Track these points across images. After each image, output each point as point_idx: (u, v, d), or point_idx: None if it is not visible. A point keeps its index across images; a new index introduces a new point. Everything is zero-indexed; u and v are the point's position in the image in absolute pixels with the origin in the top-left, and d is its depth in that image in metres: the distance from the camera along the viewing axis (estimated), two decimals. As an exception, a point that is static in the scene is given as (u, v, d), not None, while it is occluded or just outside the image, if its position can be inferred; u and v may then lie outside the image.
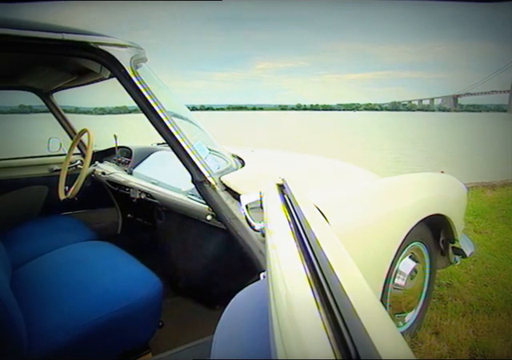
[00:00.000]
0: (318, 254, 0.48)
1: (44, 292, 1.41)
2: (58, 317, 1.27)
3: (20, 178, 2.56)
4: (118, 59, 1.26)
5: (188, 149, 1.30)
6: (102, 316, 1.28)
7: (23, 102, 11.59)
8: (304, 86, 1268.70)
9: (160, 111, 1.28)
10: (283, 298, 0.43)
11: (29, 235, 2.12)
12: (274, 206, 0.85)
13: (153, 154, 2.38)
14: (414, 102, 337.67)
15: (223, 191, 1.36)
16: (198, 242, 1.84)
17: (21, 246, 1.94)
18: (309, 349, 0.32)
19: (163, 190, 1.82)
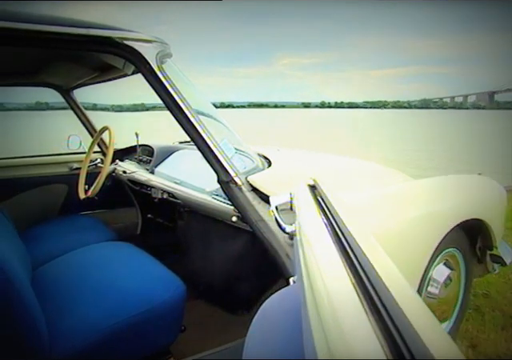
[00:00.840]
0: (361, 258, 0.48)
1: (64, 293, 1.44)
2: (79, 319, 1.29)
3: (39, 176, 2.64)
4: (143, 55, 1.28)
5: (214, 148, 1.31)
6: (124, 319, 1.30)
7: (40, 99, 11.75)
8: (328, 83, 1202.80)
9: (186, 108, 1.30)
10: (326, 304, 0.44)
11: (48, 235, 2.18)
12: (306, 207, 0.85)
13: (175, 153, 2.41)
14: (446, 99, 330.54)
15: (250, 192, 1.37)
16: (221, 243, 1.86)
17: (40, 245, 2.00)
18: (361, 355, 0.33)
19: (186, 190, 1.84)
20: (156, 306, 1.36)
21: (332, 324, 0.39)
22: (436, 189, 1.80)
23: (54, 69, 2.15)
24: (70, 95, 2.65)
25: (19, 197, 2.57)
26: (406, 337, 0.32)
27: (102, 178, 2.20)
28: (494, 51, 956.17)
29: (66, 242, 2.05)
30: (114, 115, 22.51)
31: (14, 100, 34.12)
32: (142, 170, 2.36)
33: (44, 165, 2.69)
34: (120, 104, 47.18)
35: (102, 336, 1.26)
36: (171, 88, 1.30)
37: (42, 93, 2.74)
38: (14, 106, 52.60)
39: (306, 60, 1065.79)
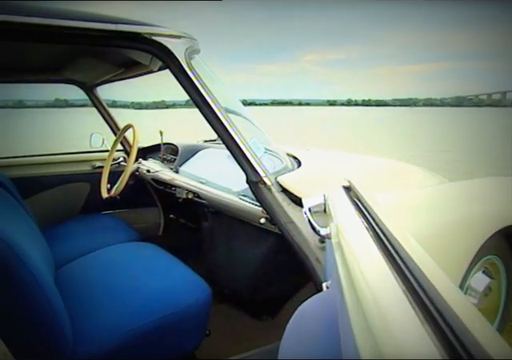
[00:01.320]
0: (409, 263, 0.48)
1: (88, 294, 1.47)
2: (103, 320, 1.32)
3: (62, 175, 2.71)
4: (172, 50, 1.30)
5: (243, 146, 1.32)
6: (149, 322, 1.32)
7: (59, 96, 11.94)
8: (355, 80, 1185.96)
9: (214, 106, 1.31)
10: (373, 310, 0.44)
11: (70, 234, 2.24)
12: (343, 210, 0.85)
13: (200, 152, 2.44)
14: (482, 96, 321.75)
15: (279, 193, 1.37)
16: (247, 246, 1.87)
17: (63, 244, 2.05)
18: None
19: (212, 190, 1.86)
20: (181, 309, 1.38)
21: (383, 331, 0.39)
22: (475, 192, 1.76)
23: (79, 65, 2.20)
24: (93, 92, 2.71)
25: (41, 195, 2.65)
26: (469, 348, 0.31)
27: (125, 176, 2.24)
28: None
29: (89, 241, 2.10)
30: (134, 112, 22.88)
31: (33, 97, 34.39)
32: (166, 169, 2.39)
33: (66, 163, 2.76)
34: (140, 101, 48.10)
35: (126, 338, 1.28)
36: (200, 84, 1.31)
37: (61, 89, 2.82)
38: (33, 103, 53.89)
39: (331, 56, 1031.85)
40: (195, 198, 2.02)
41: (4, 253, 1.04)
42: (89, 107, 2.89)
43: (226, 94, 1.52)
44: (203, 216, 2.23)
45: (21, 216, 1.66)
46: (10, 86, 2.74)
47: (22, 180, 2.22)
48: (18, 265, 1.06)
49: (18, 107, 57.09)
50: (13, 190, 1.85)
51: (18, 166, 2.60)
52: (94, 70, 2.22)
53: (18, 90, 36.61)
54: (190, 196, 2.05)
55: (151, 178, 2.42)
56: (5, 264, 1.04)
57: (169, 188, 2.28)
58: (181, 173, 2.32)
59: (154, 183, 2.45)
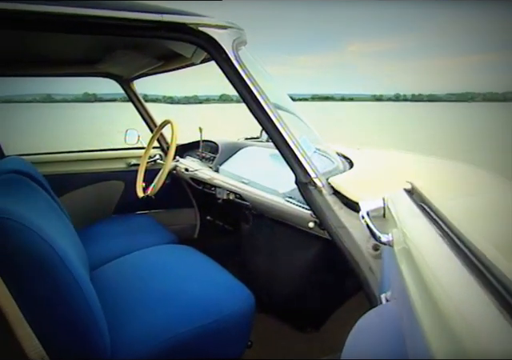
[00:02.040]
0: (499, 274, 0.47)
1: (125, 298, 1.51)
2: (141, 326, 1.35)
3: (96, 172, 2.81)
4: (219, 42, 1.32)
5: (293, 145, 1.32)
6: (189, 330, 1.35)
7: (88, 90, 12.36)
8: (405, 72, 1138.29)
9: (263, 101, 1.32)
10: (461, 328, 0.43)
11: (105, 234, 2.31)
12: (408, 215, 0.83)
13: (242, 150, 2.46)
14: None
15: (330, 195, 1.37)
16: (291, 251, 1.87)
17: (97, 246, 2.11)
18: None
19: (256, 191, 1.87)
20: (223, 318, 1.39)
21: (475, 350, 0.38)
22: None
23: (116, 58, 2.26)
24: (129, 86, 2.79)
25: (74, 193, 2.75)
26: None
27: (163, 175, 2.29)
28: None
29: (124, 242, 2.16)
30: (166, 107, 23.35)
31: (61, 91, 35.70)
32: (206, 168, 2.43)
33: (100, 160, 2.85)
34: (171, 95, 49.22)
35: (165, 346, 1.31)
36: (247, 78, 1.33)
37: (90, 83, 2.91)
38: (61, 97, 55.81)
39: (378, 46, 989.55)
40: (237, 199, 2.04)
41: (45, 252, 1.09)
42: (118, 102, 2.97)
43: (274, 88, 1.53)
44: (244, 218, 2.25)
45: (58, 215, 1.72)
46: (38, 79, 2.85)
47: (54, 177, 2.28)
48: (58, 266, 1.11)
49: (46, 101, 59.36)
50: (48, 188, 1.92)
51: (50, 163, 2.70)
52: (132, 62, 2.28)
53: (46, 84, 37.54)
54: (231, 197, 2.07)
55: (189, 177, 2.46)
56: (45, 264, 1.09)
57: (208, 188, 2.31)
58: (221, 172, 2.35)
59: (193, 183, 2.49)
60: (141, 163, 2.65)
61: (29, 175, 1.72)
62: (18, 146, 3.04)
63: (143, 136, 2.93)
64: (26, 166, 1.95)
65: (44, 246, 1.08)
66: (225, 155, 2.46)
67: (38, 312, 1.10)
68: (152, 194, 2.36)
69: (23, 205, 1.30)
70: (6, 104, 14.88)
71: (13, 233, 1.04)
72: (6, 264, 1.04)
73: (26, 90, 63.88)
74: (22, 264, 1.06)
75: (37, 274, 1.08)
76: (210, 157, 2.57)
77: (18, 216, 1.07)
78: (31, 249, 1.07)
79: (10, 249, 1.04)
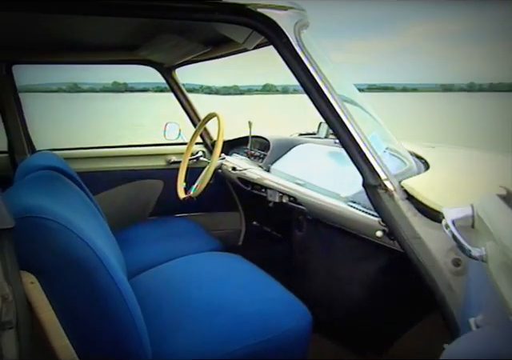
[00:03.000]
0: None
1: (166, 309, 1.54)
2: (185, 342, 1.38)
3: (133, 170, 2.88)
4: (279, 25, 1.31)
5: (361, 142, 1.31)
6: (238, 349, 1.36)
7: (118, 79, 12.62)
8: (481, 58, 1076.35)
9: (327, 91, 1.30)
10: None
11: (143, 238, 2.36)
12: (506, 225, 0.81)
13: (296, 147, 2.46)
14: None
15: (403, 200, 1.34)
16: (352, 263, 1.85)
17: (134, 251, 2.16)
18: None
19: (314, 194, 1.87)
20: (278, 336, 1.40)
21: None
22: None
23: (158, 44, 2.29)
24: (171, 75, 2.84)
25: (108, 192, 2.83)
26: None
27: (207, 174, 2.30)
28: None
29: (164, 248, 2.20)
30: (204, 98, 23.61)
31: (89, 80, 36.71)
32: (255, 167, 2.45)
33: (137, 157, 2.92)
34: (210, 85, 50.01)
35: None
36: (310, 65, 1.31)
37: (120, 71, 2.98)
38: (89, 86, 57.62)
39: (448, 27, 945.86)
40: (291, 202, 2.04)
41: (86, 256, 1.13)
42: (150, 92, 3.03)
43: (338, 77, 1.51)
44: (297, 224, 2.25)
45: (95, 215, 1.78)
46: (63, 67, 2.94)
47: (86, 175, 2.32)
48: (99, 271, 1.15)
49: (73, 91, 61.41)
50: (83, 186, 1.98)
51: (81, 159, 2.79)
52: (177, 49, 2.31)
53: (72, 72, 38.55)
54: (284, 200, 2.07)
55: (237, 176, 2.48)
56: (86, 268, 1.12)
57: (258, 189, 2.32)
58: (272, 172, 2.35)
59: (240, 183, 2.51)
60: (182, 160, 2.68)
61: (63, 172, 1.78)
62: (43, 140, 3.15)
63: (185, 130, 2.98)
64: (59, 161, 2.03)
65: (85, 250, 1.12)
66: (277, 153, 2.46)
67: (75, 320, 1.14)
68: (195, 196, 2.38)
69: (61, 204, 1.35)
70: (31, 94, 15.45)
71: (52, 234, 1.08)
72: (43, 267, 1.08)
73: (50, 78, 66.23)
74: (60, 268, 1.11)
75: (76, 279, 1.13)
76: (259, 154, 2.58)
77: (58, 216, 1.12)
78: (72, 252, 1.11)
79: (49, 251, 1.09)
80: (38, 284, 1.07)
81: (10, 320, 0.92)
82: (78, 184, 1.88)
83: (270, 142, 2.54)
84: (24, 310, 0.99)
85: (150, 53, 2.56)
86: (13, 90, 2.62)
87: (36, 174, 1.63)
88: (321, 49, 1.47)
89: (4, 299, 0.92)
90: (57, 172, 1.72)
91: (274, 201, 2.14)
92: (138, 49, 2.48)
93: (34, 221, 1.06)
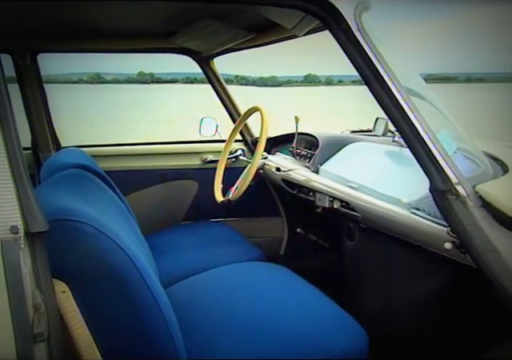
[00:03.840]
0: None
1: (204, 326, 1.55)
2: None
3: (165, 169, 2.91)
4: (338, 9, 1.30)
5: (429, 141, 1.28)
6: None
7: (143, 69, 12.66)
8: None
9: (391, 83, 1.28)
10: None
11: (175, 245, 2.38)
12: None
13: (348, 146, 2.43)
14: None
15: (478, 208, 1.31)
16: (416, 280, 1.82)
17: (166, 259, 2.19)
18: None
19: (371, 199, 1.84)
20: (332, 357, 1.39)
21: None
22: None
23: (196, 30, 2.30)
24: (209, 65, 2.87)
25: (139, 194, 2.87)
26: None
27: (249, 175, 2.31)
28: None
29: (200, 257, 2.22)
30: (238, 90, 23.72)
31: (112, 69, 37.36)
32: (302, 168, 2.43)
33: (169, 155, 2.96)
34: (245, 75, 50.29)
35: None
36: (372, 54, 1.30)
37: (145, 60, 3.01)
38: (112, 77, 58.59)
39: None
40: (343, 208, 2.02)
41: (122, 263, 1.14)
42: (179, 83, 3.05)
43: (402, 66, 1.49)
44: (348, 233, 2.22)
45: (127, 218, 1.80)
46: (85, 56, 2.98)
47: (114, 174, 2.31)
48: (136, 281, 1.15)
49: (95, 82, 62.52)
50: (114, 186, 2.01)
51: (109, 157, 2.84)
52: (216, 36, 2.32)
53: (94, 62, 39.58)
54: (335, 205, 2.05)
55: (281, 178, 2.48)
56: (122, 277, 1.13)
57: (304, 193, 2.31)
58: (322, 173, 2.33)
59: (285, 186, 2.50)
60: (220, 160, 2.70)
61: (92, 170, 1.81)
62: (66, 135, 3.21)
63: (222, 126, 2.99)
64: (88, 159, 2.06)
65: (121, 256, 1.13)
66: (327, 152, 2.44)
67: (108, 333, 1.15)
68: (234, 199, 2.39)
69: (94, 206, 1.38)
70: (50, 85, 15.91)
71: (87, 239, 1.09)
72: (75, 275, 1.10)
73: (70, 67, 67.53)
74: (94, 275, 1.12)
75: (110, 289, 1.14)
76: (306, 154, 2.56)
77: (92, 219, 1.13)
78: (107, 258, 1.12)
79: (83, 257, 1.10)
80: (70, 293, 1.08)
81: (42, 332, 0.93)
82: (109, 184, 1.91)
83: (319, 140, 2.52)
84: (56, 322, 1.00)
85: (187, 40, 2.57)
86: (38, 80, 2.68)
87: (64, 173, 1.66)
88: (383, 34, 1.46)
89: (36, 309, 0.94)
90: (86, 171, 1.75)
91: (324, 206, 2.12)
92: (174, 36, 2.50)
93: (67, 224, 1.08)
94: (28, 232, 0.94)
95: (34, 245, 0.96)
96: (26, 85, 2.65)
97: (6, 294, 0.90)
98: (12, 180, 0.92)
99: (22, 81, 2.64)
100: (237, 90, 3.21)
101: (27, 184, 0.95)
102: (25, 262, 0.94)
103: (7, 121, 0.93)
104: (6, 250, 0.90)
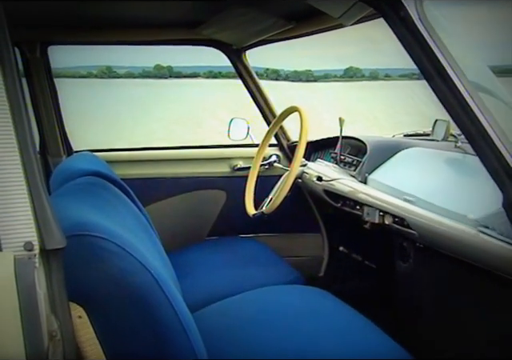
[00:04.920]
0: None
1: (237, 357, 1.54)
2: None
3: (187, 177, 2.92)
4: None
5: (503, 147, 1.26)
6: None
7: (161, 61, 12.72)
8: None
9: (457, 79, 1.26)
10: None
11: (201, 264, 2.38)
12: None
13: (402, 152, 2.39)
14: None
15: None
16: (483, 312, 1.78)
17: (192, 279, 2.19)
18: None
19: (430, 215, 1.81)
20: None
21: None
22: None
23: (227, 20, 2.31)
24: (241, 58, 2.87)
25: (160, 205, 2.89)
26: None
27: (286, 185, 2.28)
28: None
29: (230, 278, 2.22)
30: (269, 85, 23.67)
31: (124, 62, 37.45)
32: (347, 177, 2.42)
33: (194, 161, 2.97)
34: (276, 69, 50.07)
35: None
36: (435, 45, 1.28)
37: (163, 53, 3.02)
38: (125, 71, 59.26)
39: None
40: (395, 224, 1.99)
41: (147, 286, 1.14)
42: (201, 78, 3.05)
43: (468, 57, 1.47)
44: (401, 253, 2.20)
45: (148, 234, 1.80)
46: (93, 46, 2.99)
47: (131, 183, 2.28)
48: (162, 304, 1.15)
49: (105, 77, 63.07)
50: (133, 196, 2.01)
51: (126, 163, 2.87)
52: (250, 26, 2.32)
53: (105, 53, 39.71)
54: (387, 221, 2.02)
55: (323, 188, 2.46)
56: (147, 301, 1.13)
57: (350, 206, 2.29)
58: (371, 183, 2.30)
59: (327, 197, 2.49)
60: (252, 167, 2.69)
61: (109, 178, 1.81)
62: (76, 138, 3.23)
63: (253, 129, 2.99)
64: (103, 166, 2.07)
65: (146, 278, 1.13)
66: (376, 159, 2.40)
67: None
68: (268, 212, 2.37)
69: (114, 219, 1.38)
70: (55, 80, 15.97)
71: (109, 257, 1.10)
72: (94, 297, 1.10)
73: (79, 60, 68.12)
74: (115, 298, 1.12)
75: (133, 313, 1.14)
76: (352, 161, 2.54)
77: (114, 234, 1.13)
78: (130, 279, 1.11)
79: (103, 277, 1.10)
80: (87, 318, 1.08)
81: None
82: (128, 194, 1.91)
83: (367, 145, 2.48)
84: (72, 351, 1.00)
85: (216, 31, 2.59)
86: (48, 76, 2.71)
87: (79, 181, 1.66)
88: (447, 22, 1.44)
89: (52, 337, 0.93)
90: (102, 178, 1.75)
91: (373, 221, 2.10)
92: (200, 26, 2.51)
93: (87, 240, 1.08)
94: (44, 249, 0.92)
95: (49, 263, 0.95)
96: (35, 80, 2.67)
97: (19, 319, 0.88)
98: (26, 189, 0.91)
99: (30, 76, 2.67)
100: (268, 85, 3.19)
101: (43, 194, 0.93)
102: (40, 283, 0.92)
103: (22, 122, 0.92)
104: (19, 269, 0.88)
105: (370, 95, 25.00)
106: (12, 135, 0.91)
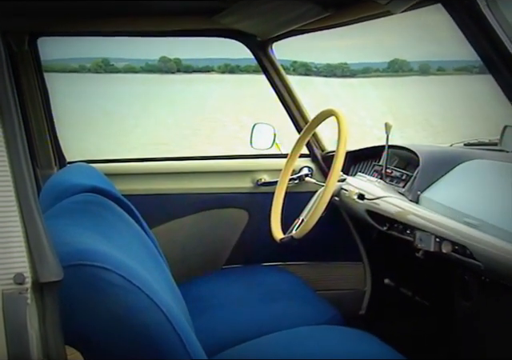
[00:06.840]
0: None
1: None
2: None
3: (204, 193, 2.93)
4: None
5: None
6: None
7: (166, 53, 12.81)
8: None
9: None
10: None
11: (219, 298, 2.38)
12: None
13: (462, 165, 2.37)
14: None
15: None
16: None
17: (208, 316, 2.20)
18: None
19: (498, 243, 1.81)
20: None
21: None
22: None
23: (250, 8, 2.32)
24: (266, 51, 2.89)
25: (169, 226, 2.90)
26: None
27: (321, 204, 2.28)
28: None
29: (253, 315, 2.22)
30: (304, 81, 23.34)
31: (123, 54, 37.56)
32: (395, 195, 2.41)
33: (209, 174, 3.00)
34: (305, 61, 49.53)
35: None
36: (505, 36, 1.29)
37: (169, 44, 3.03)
38: (125, 64, 59.53)
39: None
40: (455, 253, 1.98)
41: (160, 329, 1.15)
42: (215, 73, 3.06)
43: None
44: (463, 288, 2.19)
45: (156, 261, 1.81)
46: (92, 40, 3.01)
47: (136, 200, 2.30)
48: (177, 351, 1.17)
49: (101, 71, 63.28)
50: (138, 216, 2.02)
51: (129, 176, 2.90)
52: (278, 14, 2.33)
53: (101, 44, 39.64)
54: (444, 249, 2.01)
55: (365, 209, 2.46)
56: (158, 344, 1.14)
57: (398, 230, 2.29)
58: (424, 203, 2.28)
59: (371, 220, 2.48)
60: (279, 181, 2.70)
61: (111, 196, 1.82)
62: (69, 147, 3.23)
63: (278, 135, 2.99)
64: (103, 180, 2.08)
65: (157, 317, 1.14)
66: (430, 174, 2.38)
67: None
68: (299, 237, 2.37)
69: (118, 245, 1.40)
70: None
71: (112, 291, 1.10)
72: (94, 340, 1.11)
73: (70, 51, 68.50)
74: (120, 341, 1.13)
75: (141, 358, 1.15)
76: (401, 175, 2.51)
77: (119, 265, 1.14)
78: (138, 319, 1.13)
79: (104, 316, 1.11)
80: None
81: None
82: (132, 213, 1.91)
83: (420, 156, 2.45)
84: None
85: (237, 20, 2.60)
86: (38, 72, 2.73)
87: (74, 199, 1.66)
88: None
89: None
90: (101, 196, 1.75)
91: (427, 249, 2.08)
92: (218, 14, 2.52)
93: (87, 271, 1.09)
94: (37, 282, 0.90)
95: (43, 299, 0.93)
96: (23, 78, 2.69)
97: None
98: (18, 210, 0.89)
99: (17, 72, 2.68)
100: (297, 81, 3.19)
101: (37, 216, 0.92)
102: (31, 323, 0.91)
103: (13, 130, 0.90)
104: (7, 305, 0.87)
105: (422, 93, 24.83)
106: (2, 147, 0.89)
